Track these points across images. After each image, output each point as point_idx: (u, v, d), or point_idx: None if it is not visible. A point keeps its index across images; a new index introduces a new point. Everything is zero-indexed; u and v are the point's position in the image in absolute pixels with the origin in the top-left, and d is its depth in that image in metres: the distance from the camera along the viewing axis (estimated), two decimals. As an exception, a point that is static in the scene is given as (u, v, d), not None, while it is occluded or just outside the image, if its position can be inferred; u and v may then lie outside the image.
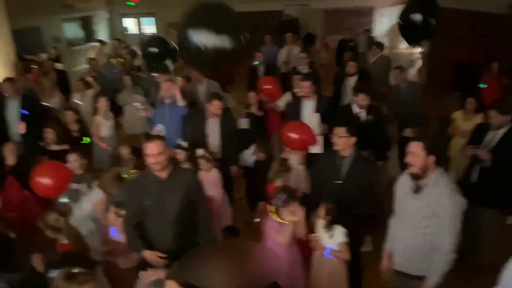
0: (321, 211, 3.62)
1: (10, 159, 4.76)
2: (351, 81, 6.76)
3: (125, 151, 5.12)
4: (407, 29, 5.70)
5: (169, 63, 10.17)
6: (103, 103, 6.01)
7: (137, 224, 3.34)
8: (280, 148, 5.88)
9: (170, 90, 5.27)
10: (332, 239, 3.59)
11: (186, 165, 4.58)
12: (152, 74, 7.40)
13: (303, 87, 5.42)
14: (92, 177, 4.57)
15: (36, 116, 5.95)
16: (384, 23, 17.95)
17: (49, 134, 5.16)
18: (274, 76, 7.43)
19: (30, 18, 12.58)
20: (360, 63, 7.90)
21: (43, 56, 10.95)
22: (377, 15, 18.22)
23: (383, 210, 4.21)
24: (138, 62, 9.15)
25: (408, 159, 2.99)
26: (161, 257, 3.21)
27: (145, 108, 6.00)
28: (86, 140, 5.77)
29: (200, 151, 4.75)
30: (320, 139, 5.20)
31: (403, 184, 3.18)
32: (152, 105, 6.21)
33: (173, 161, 3.42)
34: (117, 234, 3.75)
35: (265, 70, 7.74)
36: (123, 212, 3.60)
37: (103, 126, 5.98)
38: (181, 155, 4.74)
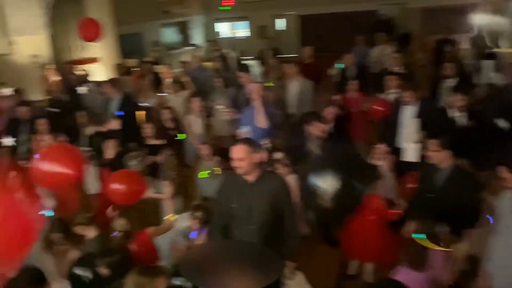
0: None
1: (109, 153, 5.17)
2: (448, 83, 6.27)
3: (204, 151, 5.18)
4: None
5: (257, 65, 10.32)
6: (196, 103, 6.22)
7: (223, 227, 3.33)
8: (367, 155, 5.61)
9: (258, 91, 5.26)
10: None
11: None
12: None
13: (404, 97, 5.24)
14: (170, 176, 4.77)
15: (133, 115, 6.37)
16: (486, 21, 16.54)
17: (148, 129, 5.54)
18: (365, 78, 7.14)
19: (133, 24, 13.51)
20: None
21: (147, 58, 11.65)
22: (479, 13, 16.85)
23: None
24: (217, 64, 9.34)
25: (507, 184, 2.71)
26: None
27: (229, 110, 6.09)
28: (182, 136, 6.05)
29: (278, 155, 4.62)
30: (416, 146, 4.89)
31: (509, 200, 2.82)
32: (235, 107, 6.29)
33: (261, 165, 3.35)
34: (195, 236, 3.78)
35: (356, 72, 7.46)
36: (198, 213, 3.64)
37: (195, 124, 6.18)
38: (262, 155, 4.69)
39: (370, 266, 4.23)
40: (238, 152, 3.14)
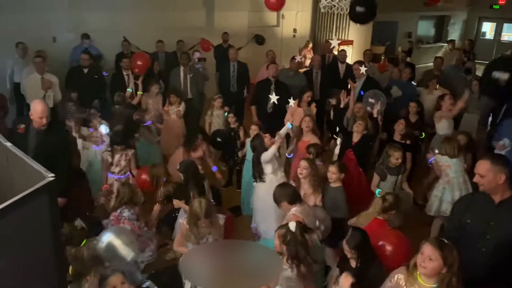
0: None
1: (356, 137, 5.30)
2: None
3: None
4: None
5: None
6: (447, 101, 5.86)
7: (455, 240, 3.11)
8: None
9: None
10: None
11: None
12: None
13: None
14: None
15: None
16: None
17: (400, 125, 5.58)
18: None
19: (391, 13, 13.38)
20: None
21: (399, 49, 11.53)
22: None
23: None
24: (469, 64, 8.51)
25: None
26: None
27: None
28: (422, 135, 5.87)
29: None
30: None
31: None
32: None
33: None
34: None
35: None
36: None
37: (444, 124, 5.84)
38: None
39: None
40: (480, 167, 2.93)
